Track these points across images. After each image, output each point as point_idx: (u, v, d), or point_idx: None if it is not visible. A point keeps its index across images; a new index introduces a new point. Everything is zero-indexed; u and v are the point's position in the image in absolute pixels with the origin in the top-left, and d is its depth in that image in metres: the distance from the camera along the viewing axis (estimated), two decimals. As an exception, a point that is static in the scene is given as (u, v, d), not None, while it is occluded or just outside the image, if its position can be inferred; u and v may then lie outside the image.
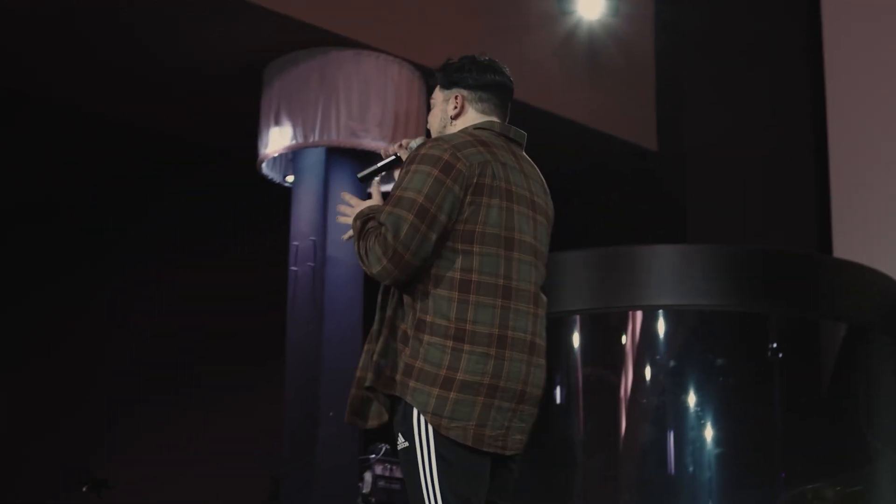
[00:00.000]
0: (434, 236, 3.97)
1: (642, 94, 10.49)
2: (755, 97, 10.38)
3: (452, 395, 3.94)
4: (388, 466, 8.93)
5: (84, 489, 8.80)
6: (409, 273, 3.98)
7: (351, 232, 4.13)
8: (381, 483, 8.84)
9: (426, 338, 3.96)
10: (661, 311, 7.63)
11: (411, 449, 3.94)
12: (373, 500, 8.53)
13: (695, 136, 10.60)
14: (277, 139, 9.02)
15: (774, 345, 7.58)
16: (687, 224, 10.44)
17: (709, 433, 7.58)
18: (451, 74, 4.29)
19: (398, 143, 4.31)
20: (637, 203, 10.39)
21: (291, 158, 9.25)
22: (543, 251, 4.23)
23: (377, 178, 4.30)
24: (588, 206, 10.59)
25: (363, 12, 9.00)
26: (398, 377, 3.98)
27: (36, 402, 11.18)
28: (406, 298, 4.02)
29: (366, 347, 4.07)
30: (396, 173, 4.19)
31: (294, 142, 8.97)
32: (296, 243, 8.96)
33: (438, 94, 4.31)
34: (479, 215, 4.03)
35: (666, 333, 7.73)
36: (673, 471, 7.50)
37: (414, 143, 4.24)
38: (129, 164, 10.62)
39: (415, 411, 3.94)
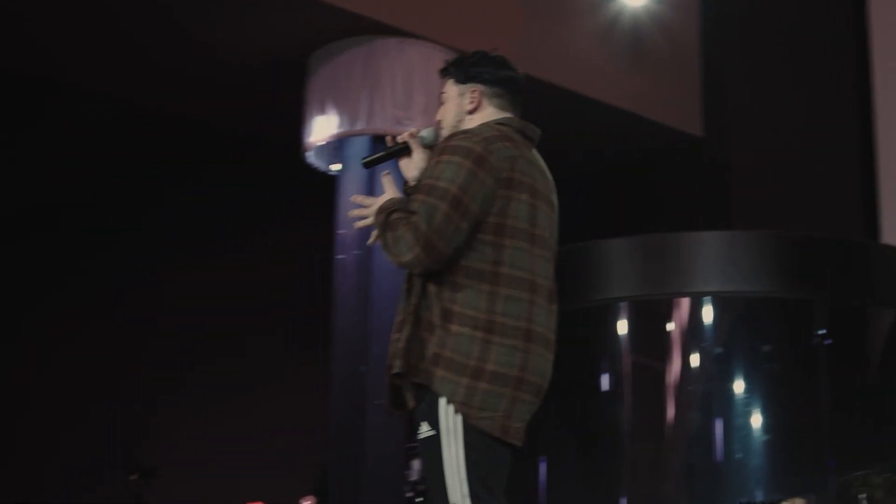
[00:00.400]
0: (466, 227, 3.98)
1: (687, 80, 10.46)
2: (800, 82, 10.33)
3: (483, 385, 3.94)
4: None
5: (132, 478, 8.84)
6: (440, 262, 3.98)
7: (371, 223, 4.15)
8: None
9: (454, 328, 3.97)
10: (707, 298, 7.61)
11: (437, 438, 3.94)
12: (420, 487, 8.55)
13: (740, 122, 10.56)
14: (322, 128, 9.04)
15: (821, 331, 7.55)
16: (731, 210, 10.41)
17: (756, 420, 7.56)
18: (468, 69, 4.31)
19: (408, 132, 4.33)
20: (682, 189, 10.36)
21: (337, 147, 9.26)
22: (556, 248, 4.30)
23: (389, 173, 4.31)
24: (633, 192, 10.58)
25: (407, 0, 9.00)
26: (424, 365, 3.98)
27: (82, 389, 11.23)
28: (432, 288, 4.02)
29: (393, 337, 4.07)
30: (405, 162, 4.28)
31: (339, 130, 8.99)
32: (342, 232, 8.97)
33: (452, 88, 4.32)
34: (508, 209, 4.05)
35: (712, 320, 7.71)
36: (720, 458, 7.48)
37: (425, 133, 4.29)
38: (174, 155, 10.66)
39: (441, 400, 3.95)
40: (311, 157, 9.31)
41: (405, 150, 4.31)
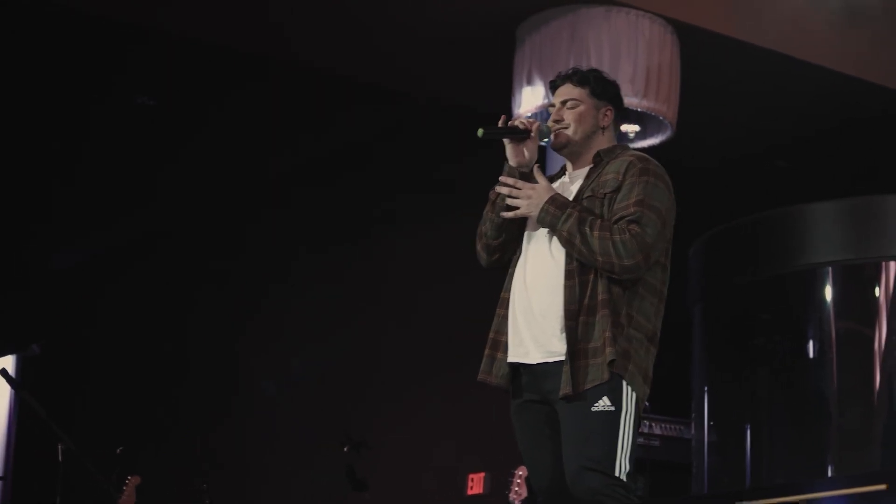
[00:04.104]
0: (662, 247, 4.47)
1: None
2: None
3: (646, 388, 4.43)
4: (648, 423, 8.96)
5: (345, 449, 9.10)
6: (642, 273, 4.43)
7: (525, 210, 4.48)
8: (641, 440, 8.90)
9: (632, 332, 4.40)
10: (916, 261, 7.48)
11: (617, 414, 4.32)
12: (631, 456, 8.57)
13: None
14: (530, 98, 9.07)
15: None
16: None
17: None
18: (606, 86, 4.69)
19: (534, 123, 4.60)
20: (891, 151, 10.12)
21: (546, 118, 9.28)
22: None
23: (538, 165, 4.58)
24: (844, 155, 10.38)
25: (614, -32, 8.98)
26: (617, 358, 4.34)
27: (306, 364, 11.47)
28: (616, 291, 4.40)
29: (568, 323, 4.39)
30: (516, 148, 4.54)
31: (546, 101, 9.00)
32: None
33: (587, 98, 4.64)
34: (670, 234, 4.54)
35: (922, 284, 7.56)
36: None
37: (544, 128, 4.61)
38: (382, 128, 10.81)
39: (625, 385, 4.35)
40: (521, 129, 9.34)
41: (525, 136, 4.57)
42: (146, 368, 12.41)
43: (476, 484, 10.27)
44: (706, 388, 8.39)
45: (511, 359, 4.55)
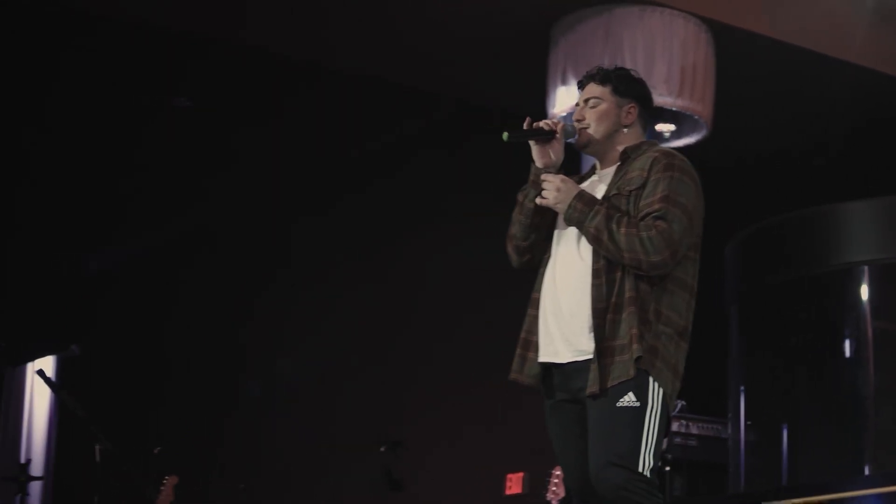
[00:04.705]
0: (689, 243, 4.42)
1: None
2: None
3: (676, 383, 4.41)
4: (685, 423, 8.95)
5: (382, 449, 9.13)
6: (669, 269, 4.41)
7: (552, 201, 4.45)
8: (678, 440, 8.89)
9: (661, 327, 4.38)
10: (954, 260, 7.45)
11: (642, 409, 4.33)
12: (669, 456, 8.57)
13: None
14: (565, 98, 9.08)
15: None
16: None
17: None
18: (629, 84, 4.61)
19: (558, 122, 4.55)
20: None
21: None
22: None
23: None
24: (879, 153, 10.34)
25: (647, -32, 8.98)
26: (644, 355, 4.33)
27: (337, 363, 11.49)
28: (644, 288, 4.39)
29: (596, 321, 4.39)
30: (542, 149, 4.50)
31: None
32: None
33: (611, 98, 4.58)
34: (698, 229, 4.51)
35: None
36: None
37: (569, 129, 4.54)
38: (418, 128, 10.82)
39: (654, 383, 4.35)
40: (556, 128, 9.35)
41: (550, 137, 4.53)
42: (184, 368, 12.45)
43: (514, 484, 10.28)
44: (743, 388, 8.38)
45: (542, 359, 4.56)
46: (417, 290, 11.15)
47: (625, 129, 4.57)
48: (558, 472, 7.59)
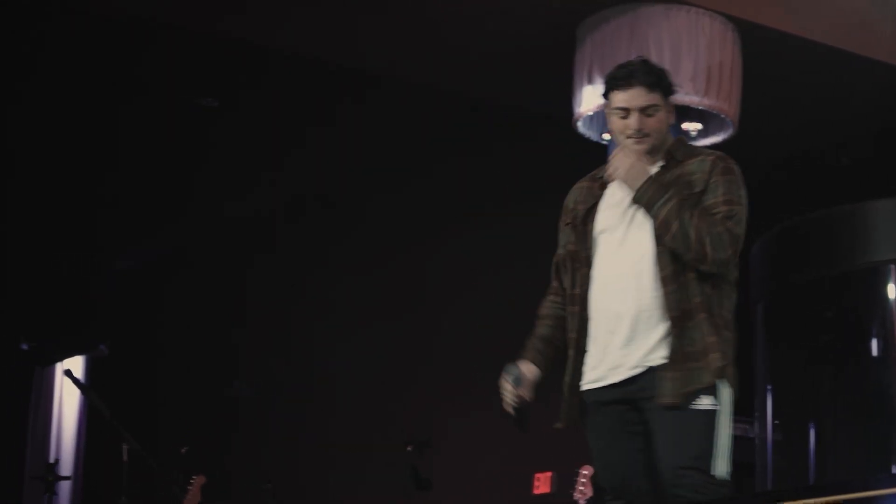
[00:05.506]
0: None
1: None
2: None
3: (732, 389, 4.47)
4: (743, 427, 8.93)
5: (409, 449, 9.15)
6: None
7: (623, 175, 4.50)
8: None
9: (725, 332, 4.45)
10: (983, 257, 7.40)
11: (717, 413, 4.36)
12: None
13: None
14: (591, 97, 9.06)
15: None
16: None
17: None
18: (671, 84, 4.68)
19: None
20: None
21: (603, 118, 9.28)
22: None
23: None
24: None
25: (673, -35, 8.96)
26: (720, 363, 4.39)
27: (372, 365, 11.50)
28: (708, 291, 4.43)
29: (674, 330, 4.40)
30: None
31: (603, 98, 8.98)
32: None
33: (661, 101, 4.60)
34: None
35: None
36: None
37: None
38: (442, 130, 10.82)
39: (724, 385, 4.40)
40: (582, 127, 9.35)
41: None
42: (211, 368, 12.49)
43: (543, 483, 10.29)
44: (769, 387, 8.35)
45: (593, 384, 4.56)
46: (447, 289, 11.18)
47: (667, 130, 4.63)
48: (586, 472, 7.59)
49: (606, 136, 9.34)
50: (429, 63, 9.67)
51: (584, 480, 7.56)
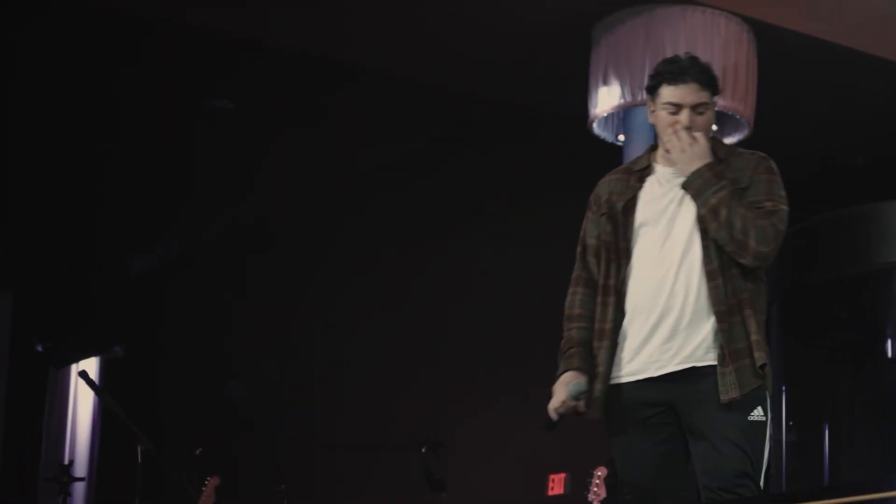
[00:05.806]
0: None
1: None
2: None
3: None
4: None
5: (423, 450, 9.15)
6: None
7: (678, 157, 4.45)
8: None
9: (762, 331, 4.35)
10: None
11: (766, 425, 4.30)
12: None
13: None
14: (606, 99, 9.04)
15: None
16: None
17: None
18: (718, 84, 4.66)
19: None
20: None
21: (622, 117, 9.27)
22: None
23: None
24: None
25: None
26: (764, 361, 4.30)
27: (386, 365, 11.51)
28: (751, 287, 4.38)
29: (722, 325, 4.31)
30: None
31: (622, 101, 8.97)
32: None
33: (710, 98, 4.57)
34: None
35: None
36: None
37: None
38: (443, 129, 10.81)
39: (766, 392, 4.32)
40: (598, 129, 9.33)
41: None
42: (225, 370, 12.51)
43: (557, 484, 10.27)
44: (784, 388, 8.34)
45: (629, 376, 4.45)
46: (460, 290, 11.17)
47: None
48: (600, 473, 7.57)
49: (622, 138, 9.33)
50: (430, 63, 9.67)
51: (597, 482, 7.54)
